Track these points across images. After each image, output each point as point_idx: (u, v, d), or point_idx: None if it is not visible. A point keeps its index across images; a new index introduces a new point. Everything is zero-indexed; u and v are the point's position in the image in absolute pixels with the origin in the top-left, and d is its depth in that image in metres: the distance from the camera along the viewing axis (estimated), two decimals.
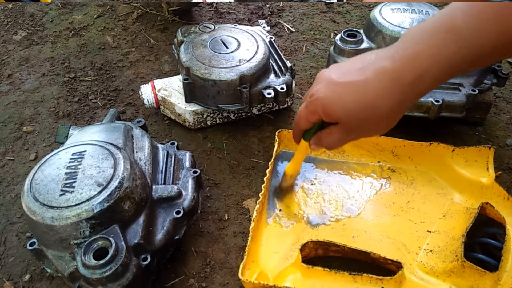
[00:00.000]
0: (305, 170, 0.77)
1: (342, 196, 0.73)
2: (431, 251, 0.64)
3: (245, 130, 0.88)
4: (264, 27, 0.95)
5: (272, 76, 0.83)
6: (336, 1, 1.22)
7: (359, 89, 0.49)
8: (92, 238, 0.54)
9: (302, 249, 0.62)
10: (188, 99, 0.82)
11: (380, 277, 0.59)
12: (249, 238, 0.63)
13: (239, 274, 0.59)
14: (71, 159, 0.60)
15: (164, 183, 0.67)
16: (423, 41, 0.46)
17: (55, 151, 0.63)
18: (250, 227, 0.64)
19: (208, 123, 0.87)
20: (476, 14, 0.44)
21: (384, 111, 0.49)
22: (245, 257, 0.61)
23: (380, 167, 0.77)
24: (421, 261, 0.63)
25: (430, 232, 0.67)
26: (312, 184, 0.75)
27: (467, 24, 0.45)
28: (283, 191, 0.73)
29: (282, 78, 0.82)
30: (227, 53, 0.82)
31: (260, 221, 0.69)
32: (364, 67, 0.49)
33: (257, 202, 0.67)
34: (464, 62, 0.46)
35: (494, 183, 0.69)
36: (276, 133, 0.78)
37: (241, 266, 0.60)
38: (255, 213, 0.66)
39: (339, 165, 0.78)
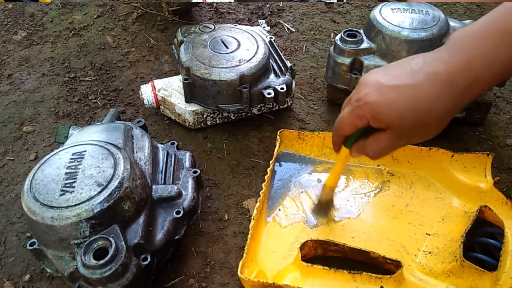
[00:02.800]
0: (305, 170, 0.77)
1: (342, 197, 0.73)
2: (430, 252, 0.64)
3: (245, 130, 0.88)
4: (264, 27, 0.95)
5: (272, 76, 0.83)
6: (336, 1, 1.22)
7: (413, 92, 0.47)
8: (92, 238, 0.54)
9: (301, 247, 0.62)
10: (188, 99, 0.83)
11: (379, 276, 0.59)
12: (249, 236, 0.63)
13: (238, 272, 0.59)
14: (71, 159, 0.60)
15: (164, 183, 0.67)
16: (475, 46, 0.46)
17: (55, 151, 0.63)
18: (250, 225, 0.64)
19: (208, 123, 0.87)
20: None
21: (438, 115, 0.48)
22: (244, 255, 0.61)
23: (379, 171, 0.77)
24: (420, 262, 0.63)
25: (429, 234, 0.67)
26: (311, 185, 0.75)
27: None
28: (322, 205, 0.71)
29: (282, 78, 0.82)
30: (227, 53, 0.82)
31: (260, 220, 0.69)
32: (415, 71, 0.48)
33: (258, 200, 0.67)
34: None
35: (493, 187, 0.69)
36: (278, 133, 0.79)
37: (240, 264, 0.60)
38: (255, 211, 0.66)
39: None
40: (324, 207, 0.71)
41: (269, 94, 0.80)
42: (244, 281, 0.59)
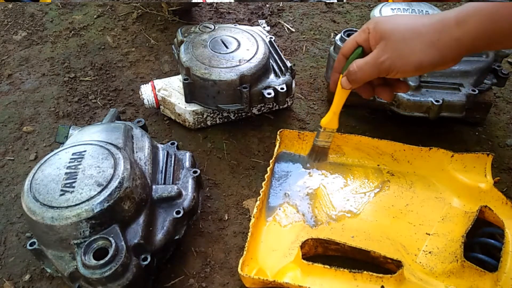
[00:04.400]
0: (305, 170, 0.77)
1: (342, 197, 0.73)
2: (430, 252, 0.64)
3: (245, 130, 0.88)
4: (264, 27, 0.95)
5: (272, 76, 0.83)
6: (336, 1, 1.22)
7: (413, 17, 0.54)
8: (92, 238, 0.54)
9: (302, 246, 0.62)
10: (188, 99, 0.83)
11: (380, 275, 0.59)
12: (249, 234, 0.63)
13: (239, 269, 0.59)
14: (71, 159, 0.60)
15: (164, 183, 0.67)
16: (472, 3, 0.51)
17: (55, 151, 0.63)
18: (250, 223, 0.65)
19: (208, 123, 0.87)
20: None
21: (426, 38, 0.51)
22: (244, 253, 0.61)
23: (379, 171, 0.77)
24: (420, 262, 0.63)
25: (429, 234, 0.67)
26: (312, 185, 0.75)
27: None
28: (315, 152, 0.70)
29: (282, 78, 0.82)
30: (227, 53, 0.82)
31: (260, 218, 0.69)
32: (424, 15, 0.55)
33: (258, 199, 0.67)
34: (504, 21, 0.48)
35: (493, 187, 0.69)
36: (278, 132, 0.79)
37: (240, 261, 0.60)
38: (255, 210, 0.66)
39: (339, 167, 0.78)
40: (318, 153, 0.70)
41: (269, 94, 0.80)
42: (244, 278, 0.59)
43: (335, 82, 0.62)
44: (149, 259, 0.57)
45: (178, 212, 0.63)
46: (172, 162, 0.70)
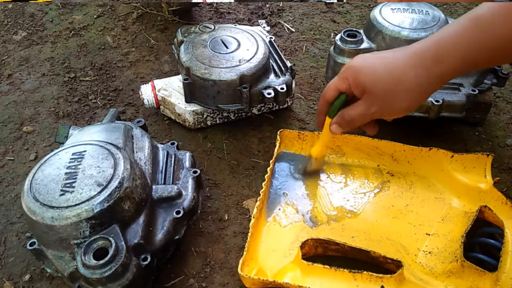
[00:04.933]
0: (305, 171, 0.77)
1: (342, 197, 0.73)
2: (430, 252, 0.64)
3: (245, 130, 0.88)
4: (264, 27, 0.95)
5: (272, 76, 0.83)
6: (336, 1, 1.22)
7: (390, 61, 0.54)
8: (92, 238, 0.54)
9: (302, 246, 0.62)
10: (188, 99, 0.83)
11: (380, 275, 0.59)
12: (249, 234, 0.63)
13: (239, 269, 0.59)
14: (71, 159, 0.60)
15: (164, 183, 0.67)
16: (447, 28, 0.53)
17: (55, 151, 0.63)
18: (250, 223, 0.65)
19: (208, 123, 0.87)
20: (499, 10, 0.49)
21: (408, 86, 0.52)
22: (244, 253, 0.61)
23: (379, 171, 0.77)
24: (420, 262, 0.63)
25: (429, 234, 0.67)
26: (312, 185, 0.75)
27: (488, 17, 0.49)
28: (307, 173, 0.75)
29: (282, 78, 0.82)
30: (227, 53, 0.82)
31: (260, 218, 0.69)
32: (396, 50, 0.55)
33: (258, 199, 0.67)
34: (481, 51, 0.50)
35: (493, 187, 0.69)
36: (278, 132, 0.79)
37: (240, 261, 0.60)
38: (255, 210, 0.66)
39: (339, 167, 0.78)
40: (311, 174, 0.76)
41: (269, 94, 0.80)
42: (244, 278, 0.59)
43: (321, 123, 0.65)
44: (149, 259, 0.57)
45: (178, 212, 0.63)
46: (172, 162, 0.70)
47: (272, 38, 0.91)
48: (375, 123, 0.62)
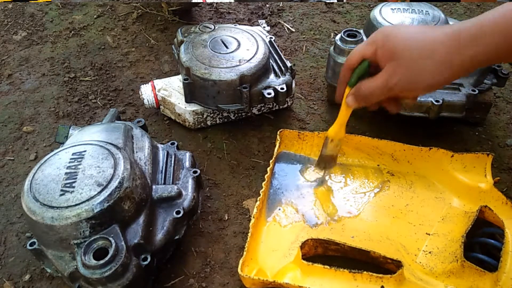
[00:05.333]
0: (305, 170, 0.77)
1: (342, 197, 0.73)
2: (430, 252, 0.64)
3: (245, 130, 0.88)
4: (264, 27, 0.95)
5: (272, 76, 0.83)
6: (336, 1, 1.22)
7: (425, 32, 0.51)
8: (92, 238, 0.54)
9: (302, 246, 0.62)
10: (188, 99, 0.83)
11: (380, 275, 0.59)
12: (249, 234, 0.63)
13: (239, 270, 0.59)
14: (71, 159, 0.60)
15: (164, 183, 0.67)
16: (489, 13, 0.49)
17: (55, 151, 0.63)
18: (250, 223, 0.65)
19: (208, 123, 0.87)
20: None
21: (439, 59, 0.49)
22: (244, 253, 0.61)
23: (379, 171, 0.77)
24: (420, 262, 0.63)
25: (429, 234, 0.67)
26: (311, 185, 0.75)
27: None
28: (323, 161, 0.70)
29: (282, 78, 0.82)
30: (227, 53, 0.82)
31: (260, 218, 0.69)
32: (434, 26, 0.53)
33: (258, 200, 0.67)
34: None
35: (493, 187, 0.69)
36: (278, 132, 0.79)
37: (240, 262, 0.60)
38: (255, 210, 0.66)
39: (339, 167, 0.78)
40: (326, 161, 0.70)
41: (269, 94, 0.80)
42: (244, 279, 0.59)
43: (341, 94, 0.60)
44: (149, 259, 0.57)
45: (178, 212, 0.63)
46: (172, 162, 0.70)
47: (272, 38, 0.91)
48: (397, 100, 0.58)
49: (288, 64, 0.85)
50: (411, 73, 0.51)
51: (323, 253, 0.65)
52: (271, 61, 0.85)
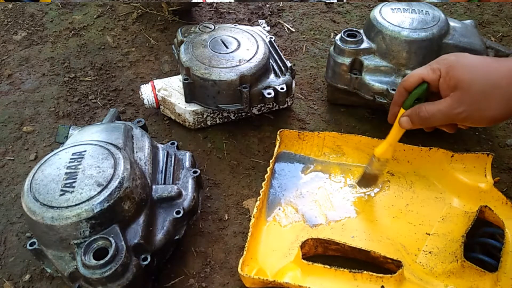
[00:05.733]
0: (305, 170, 0.77)
1: (342, 197, 0.73)
2: (430, 252, 0.64)
3: (245, 130, 0.88)
4: (264, 27, 0.95)
5: (272, 76, 0.83)
6: (336, 1, 1.22)
7: (490, 65, 0.50)
8: (92, 238, 0.54)
9: (302, 246, 0.62)
10: (188, 99, 0.83)
11: (380, 275, 0.59)
12: (249, 234, 0.63)
13: (239, 269, 0.59)
14: (71, 159, 0.60)
15: (164, 183, 0.67)
16: None
17: (55, 151, 0.63)
18: (250, 223, 0.65)
19: (208, 123, 0.87)
20: None
21: (506, 94, 0.49)
22: (244, 252, 0.61)
23: None
24: (420, 262, 0.63)
25: (429, 234, 0.67)
26: (311, 185, 0.75)
27: None
28: (366, 179, 0.69)
29: (282, 78, 0.82)
30: (227, 53, 0.82)
31: (260, 218, 0.69)
32: (498, 58, 0.52)
33: (258, 199, 0.67)
34: None
35: (493, 187, 0.69)
36: (278, 132, 0.79)
37: (240, 261, 0.60)
38: (255, 210, 0.66)
39: (339, 167, 0.78)
40: (369, 180, 0.69)
41: (269, 94, 0.80)
42: (245, 278, 0.59)
43: (394, 115, 0.59)
44: (149, 259, 0.57)
45: (178, 212, 0.63)
46: (172, 162, 0.70)
47: (272, 38, 0.91)
48: (455, 124, 0.57)
49: (288, 64, 0.85)
50: (478, 105, 0.50)
51: (323, 253, 0.65)
52: (271, 61, 0.85)
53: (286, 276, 0.61)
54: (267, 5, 1.23)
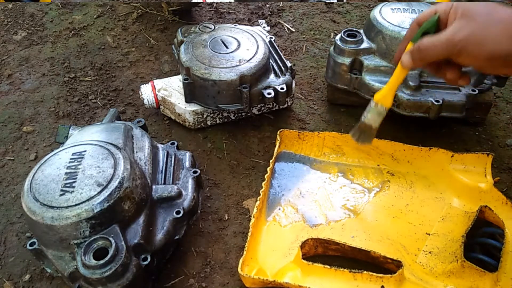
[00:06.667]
0: (305, 170, 0.77)
1: (342, 197, 0.73)
2: (430, 252, 0.64)
3: (245, 130, 0.88)
4: (264, 27, 0.95)
5: (272, 76, 0.83)
6: (336, 1, 1.22)
7: (499, 6, 0.50)
8: (92, 238, 0.54)
9: (302, 246, 0.62)
10: (188, 99, 0.82)
11: (380, 275, 0.59)
12: (249, 234, 0.63)
13: (239, 269, 0.59)
14: (71, 159, 0.60)
15: (164, 183, 0.67)
16: None
17: (55, 151, 0.63)
18: (250, 223, 0.65)
19: (208, 123, 0.87)
20: None
21: (507, 30, 0.48)
22: (244, 252, 0.61)
23: (379, 171, 0.77)
24: (420, 262, 0.63)
25: (429, 234, 0.67)
26: (311, 185, 0.75)
27: None
28: (360, 130, 0.63)
29: (282, 78, 0.82)
30: (227, 53, 0.82)
31: (260, 218, 0.69)
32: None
33: (258, 199, 0.67)
34: None
35: (493, 187, 0.69)
36: (278, 132, 0.79)
37: (240, 261, 0.60)
38: (255, 210, 0.66)
39: (339, 167, 0.78)
40: (363, 132, 0.63)
41: (269, 94, 0.80)
42: (245, 278, 0.59)
43: (401, 51, 0.57)
44: (149, 259, 0.57)
45: (178, 212, 0.63)
46: (172, 162, 0.70)
47: (272, 38, 0.91)
48: (462, 72, 0.55)
49: (288, 64, 0.85)
50: (477, 34, 0.50)
51: (323, 252, 0.65)
52: (271, 61, 0.85)
53: (286, 276, 0.61)
54: (267, 5, 1.23)
